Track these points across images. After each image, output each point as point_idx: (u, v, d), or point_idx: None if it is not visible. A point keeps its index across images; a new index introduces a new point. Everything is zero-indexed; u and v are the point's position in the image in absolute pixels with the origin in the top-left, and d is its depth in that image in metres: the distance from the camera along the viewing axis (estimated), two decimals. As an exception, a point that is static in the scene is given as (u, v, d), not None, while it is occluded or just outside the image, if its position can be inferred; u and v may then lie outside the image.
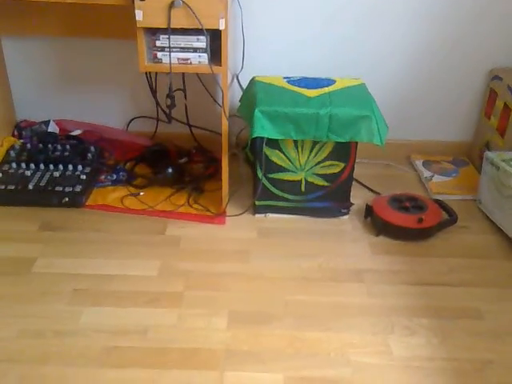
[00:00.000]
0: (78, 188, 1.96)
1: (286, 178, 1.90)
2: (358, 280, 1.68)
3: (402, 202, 1.92)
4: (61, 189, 1.95)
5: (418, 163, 2.30)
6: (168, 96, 1.76)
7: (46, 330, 1.46)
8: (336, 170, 1.88)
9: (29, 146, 2.15)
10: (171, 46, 1.65)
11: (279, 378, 1.35)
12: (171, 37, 1.63)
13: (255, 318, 1.52)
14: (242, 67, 2.18)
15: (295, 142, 1.83)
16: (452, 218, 1.93)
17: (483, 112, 2.26)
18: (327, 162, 1.87)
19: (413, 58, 2.19)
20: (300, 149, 1.85)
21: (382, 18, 2.11)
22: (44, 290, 1.59)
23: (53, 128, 2.26)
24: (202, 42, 1.65)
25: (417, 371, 1.38)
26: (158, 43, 1.65)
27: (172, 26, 1.60)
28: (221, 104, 1.76)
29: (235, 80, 2.19)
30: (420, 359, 1.41)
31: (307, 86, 1.88)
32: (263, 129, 1.77)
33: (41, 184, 1.96)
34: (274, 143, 1.83)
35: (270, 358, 1.40)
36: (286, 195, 1.93)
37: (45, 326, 1.47)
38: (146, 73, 2.04)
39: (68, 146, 2.15)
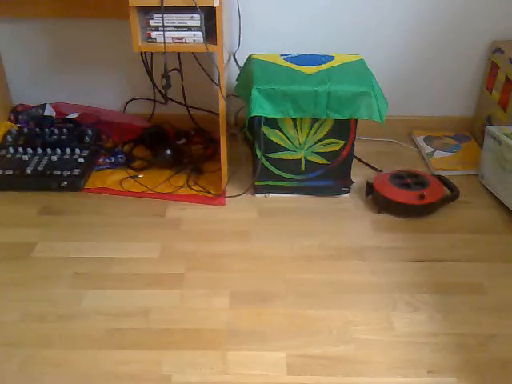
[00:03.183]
0: (77, 171, 1.94)
1: (285, 157, 1.89)
2: (359, 257, 1.67)
3: (403, 179, 1.90)
4: (59, 173, 1.93)
5: (419, 139, 2.28)
6: (163, 76, 1.74)
7: (48, 314, 1.46)
8: (336, 147, 1.87)
9: (26, 130, 2.14)
10: (165, 24, 1.62)
11: (282, 356, 1.35)
12: (165, 15, 1.60)
13: (257, 298, 1.52)
14: (239, 46, 2.15)
15: (294, 120, 1.81)
16: (454, 194, 1.92)
17: (485, 86, 2.23)
18: (327, 140, 1.85)
19: (412, 32, 2.16)
20: (299, 127, 1.83)
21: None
22: (45, 274, 1.59)
23: (49, 111, 2.25)
24: (196, 20, 1.62)
25: (420, 347, 1.38)
26: (151, 22, 1.63)
27: (165, 5, 1.57)
28: (218, 83, 1.73)
29: (232, 59, 2.16)
30: (423, 335, 1.41)
31: (305, 63, 1.86)
32: (261, 108, 1.75)
33: (39, 168, 1.95)
34: (272, 122, 1.81)
35: (272, 337, 1.40)
36: (285, 174, 1.92)
37: (47, 309, 1.47)
38: (142, 53, 2.01)
39: (65, 130, 2.13)
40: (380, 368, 1.32)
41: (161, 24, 1.62)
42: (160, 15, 1.60)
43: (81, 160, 1.99)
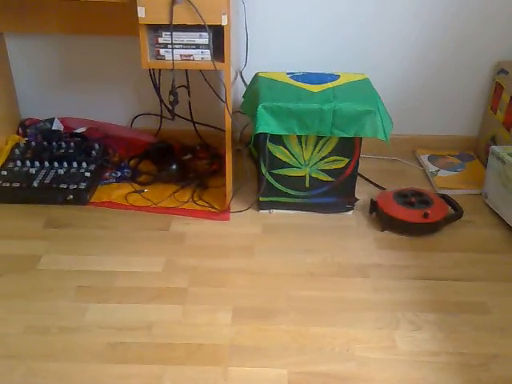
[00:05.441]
0: (83, 185, 1.96)
1: (290, 174, 1.90)
2: (363, 275, 1.67)
3: (407, 197, 1.91)
4: (65, 186, 1.95)
5: (424, 158, 2.29)
6: (171, 92, 1.76)
7: (51, 327, 1.46)
8: (340, 165, 1.88)
9: (33, 143, 2.16)
10: (174, 42, 1.65)
11: (284, 373, 1.35)
12: (174, 33, 1.63)
13: (260, 314, 1.52)
14: (246, 63, 2.17)
15: (299, 137, 1.83)
16: (457, 213, 1.92)
17: (489, 106, 2.24)
18: (331, 158, 1.86)
19: (418, 52, 2.18)
20: (304, 144, 1.84)
21: (388, 13, 2.10)
22: (49, 287, 1.60)
23: (57, 126, 2.27)
24: (204, 38, 1.65)
25: (422, 366, 1.37)
26: (160, 40, 1.65)
27: (174, 23, 1.60)
28: (224, 100, 1.75)
29: (239, 76, 2.19)
30: (425, 354, 1.41)
31: (311, 82, 1.88)
32: (267, 125, 1.76)
33: (45, 181, 1.97)
34: (277, 139, 1.83)
35: (274, 354, 1.40)
36: (290, 191, 1.93)
37: (50, 322, 1.48)
38: (150, 70, 2.04)
39: (72, 144, 2.16)
40: (382, 386, 1.32)
41: (169, 41, 1.64)
42: (169, 33, 1.63)
43: (87, 174, 2.01)
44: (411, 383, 1.33)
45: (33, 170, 2.02)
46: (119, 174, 2.10)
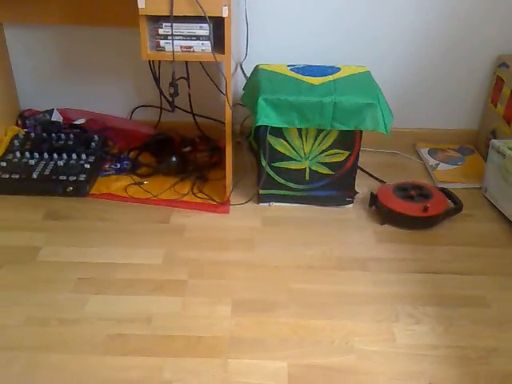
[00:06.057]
0: (82, 177, 1.96)
1: (290, 167, 1.90)
2: (362, 268, 1.68)
3: (407, 191, 1.91)
4: (65, 178, 1.95)
5: (424, 151, 2.29)
6: (171, 84, 1.75)
7: (50, 318, 1.46)
8: (340, 158, 1.88)
9: (33, 135, 2.15)
10: (174, 33, 1.64)
11: (283, 365, 1.35)
12: (174, 25, 1.62)
13: (259, 306, 1.52)
14: (246, 55, 2.16)
15: (299, 130, 1.82)
16: (457, 207, 1.92)
17: (490, 99, 2.24)
18: (332, 151, 1.86)
19: (419, 45, 2.17)
20: (304, 137, 1.84)
21: (388, 6, 2.09)
22: (49, 279, 1.60)
23: (56, 117, 2.26)
24: (204, 29, 1.64)
25: (421, 359, 1.38)
26: (160, 31, 1.65)
27: (175, 14, 1.60)
28: (224, 92, 1.75)
29: (239, 68, 2.18)
30: (424, 347, 1.41)
31: (311, 74, 1.87)
32: (267, 117, 1.76)
33: (45, 173, 1.96)
34: (277, 132, 1.82)
35: (274, 346, 1.40)
36: (290, 184, 1.92)
37: (50, 314, 1.48)
38: (150, 61, 2.03)
39: (72, 135, 2.15)
40: (381, 379, 1.32)
41: (170, 33, 1.63)
42: (169, 24, 1.62)
43: (87, 165, 2.01)
44: (410, 376, 1.33)
45: (32, 162, 2.01)
46: (119, 165, 2.10)
